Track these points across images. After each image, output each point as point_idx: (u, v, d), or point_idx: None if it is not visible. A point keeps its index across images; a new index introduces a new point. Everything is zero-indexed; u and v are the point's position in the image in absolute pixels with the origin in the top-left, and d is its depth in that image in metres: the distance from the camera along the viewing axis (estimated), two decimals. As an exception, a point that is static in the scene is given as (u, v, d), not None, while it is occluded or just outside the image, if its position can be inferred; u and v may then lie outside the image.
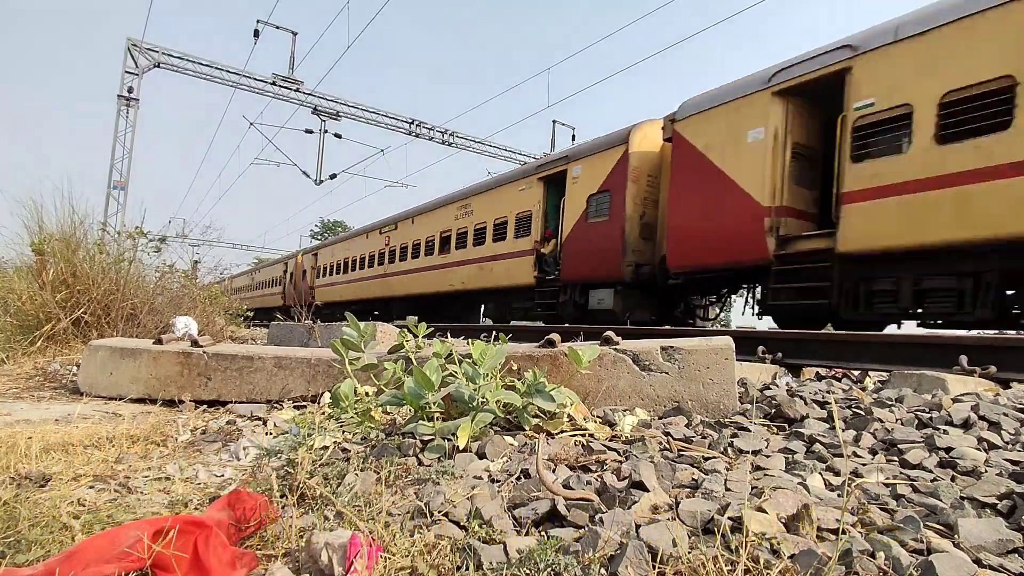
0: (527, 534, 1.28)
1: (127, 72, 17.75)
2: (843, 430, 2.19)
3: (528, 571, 1.07)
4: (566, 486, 1.51)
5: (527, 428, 2.10)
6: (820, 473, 1.66)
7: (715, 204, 8.32)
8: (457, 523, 1.34)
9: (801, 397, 2.68)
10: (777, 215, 7.63)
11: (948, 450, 1.84)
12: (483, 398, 2.11)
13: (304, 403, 2.87)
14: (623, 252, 9.89)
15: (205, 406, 2.95)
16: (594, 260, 10.44)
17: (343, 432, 2.18)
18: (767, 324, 8.75)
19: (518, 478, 1.63)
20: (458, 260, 14.75)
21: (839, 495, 1.46)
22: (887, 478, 1.61)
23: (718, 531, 1.18)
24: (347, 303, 20.79)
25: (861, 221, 6.70)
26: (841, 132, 6.99)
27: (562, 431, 2.09)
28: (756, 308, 8.77)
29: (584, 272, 10.77)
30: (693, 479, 1.59)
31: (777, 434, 2.18)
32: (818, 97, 7.64)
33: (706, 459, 1.76)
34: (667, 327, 8.37)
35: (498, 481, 1.63)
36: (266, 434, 2.35)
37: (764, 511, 1.25)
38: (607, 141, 10.78)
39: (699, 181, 8.61)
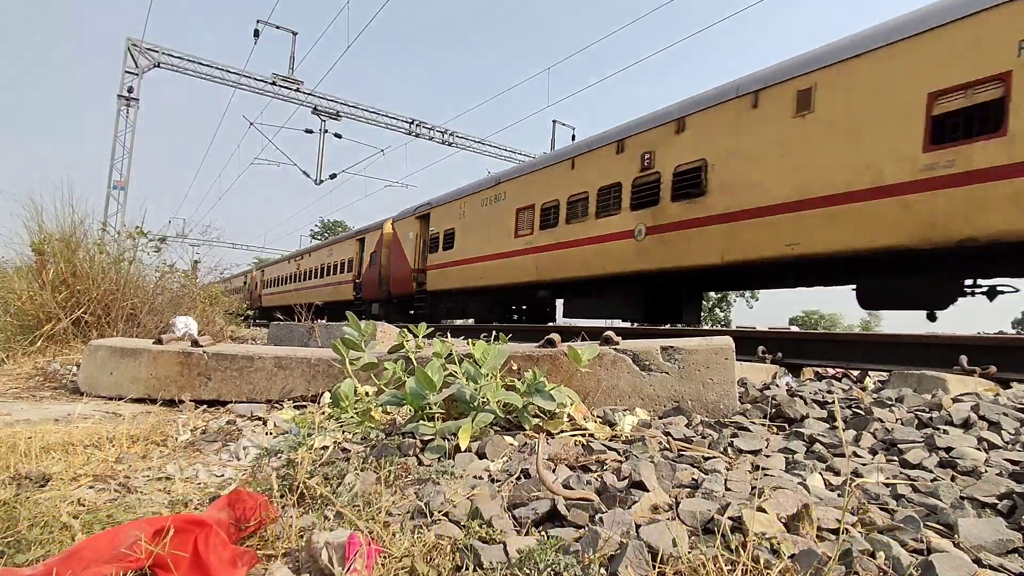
0: (527, 534, 1.28)
1: (127, 72, 17.75)
2: (843, 430, 2.19)
3: (528, 571, 1.07)
4: (566, 486, 1.51)
5: (527, 428, 2.10)
6: (820, 473, 1.66)
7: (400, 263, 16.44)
8: (457, 523, 1.34)
9: (801, 397, 2.69)
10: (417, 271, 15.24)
11: (948, 450, 1.84)
12: (484, 398, 2.11)
13: (304, 403, 2.87)
14: (380, 284, 17.92)
15: (205, 406, 2.95)
16: (373, 288, 18.10)
17: (343, 432, 2.18)
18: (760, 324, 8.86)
19: (518, 478, 1.63)
20: (319, 284, 24.01)
21: (839, 495, 1.46)
22: (887, 478, 1.61)
23: (718, 531, 1.18)
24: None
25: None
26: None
27: (562, 431, 2.09)
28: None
29: (369, 294, 18.69)
30: (693, 479, 1.59)
31: (777, 434, 2.18)
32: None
33: (706, 459, 1.76)
34: (667, 327, 8.36)
35: (498, 481, 1.63)
36: (266, 434, 2.35)
37: (764, 511, 1.25)
38: (376, 225, 18.96)
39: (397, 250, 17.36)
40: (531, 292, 12.28)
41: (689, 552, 1.11)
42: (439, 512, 1.38)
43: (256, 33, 18.55)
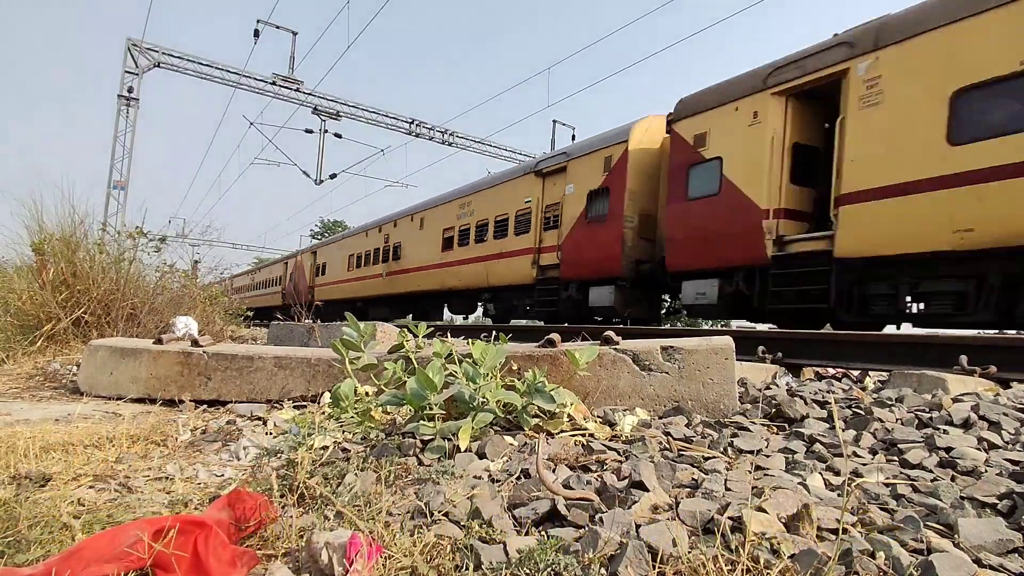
0: (527, 534, 1.28)
1: (127, 72, 17.75)
2: (843, 430, 2.19)
3: (528, 571, 1.07)
4: (566, 486, 1.51)
5: (527, 428, 2.10)
6: (820, 473, 1.66)
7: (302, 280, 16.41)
8: (457, 523, 1.34)
9: (801, 397, 2.68)
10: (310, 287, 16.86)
11: (948, 450, 1.84)
12: (483, 398, 2.11)
13: (304, 403, 2.87)
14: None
15: (205, 406, 2.95)
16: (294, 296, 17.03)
17: (343, 432, 2.18)
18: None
19: (518, 478, 1.63)
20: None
21: (839, 495, 1.46)
22: (887, 478, 1.61)
23: (718, 531, 1.18)
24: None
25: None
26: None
27: (562, 431, 2.09)
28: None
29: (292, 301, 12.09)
30: (693, 479, 1.59)
31: (777, 434, 2.18)
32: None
33: (706, 459, 1.76)
34: (667, 327, 8.36)
35: (498, 481, 1.63)
36: (266, 434, 2.35)
37: (764, 511, 1.25)
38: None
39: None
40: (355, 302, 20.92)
41: (689, 552, 1.11)
42: (439, 512, 1.38)
43: (256, 33, 18.56)
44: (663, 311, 11.04)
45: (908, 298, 6.53)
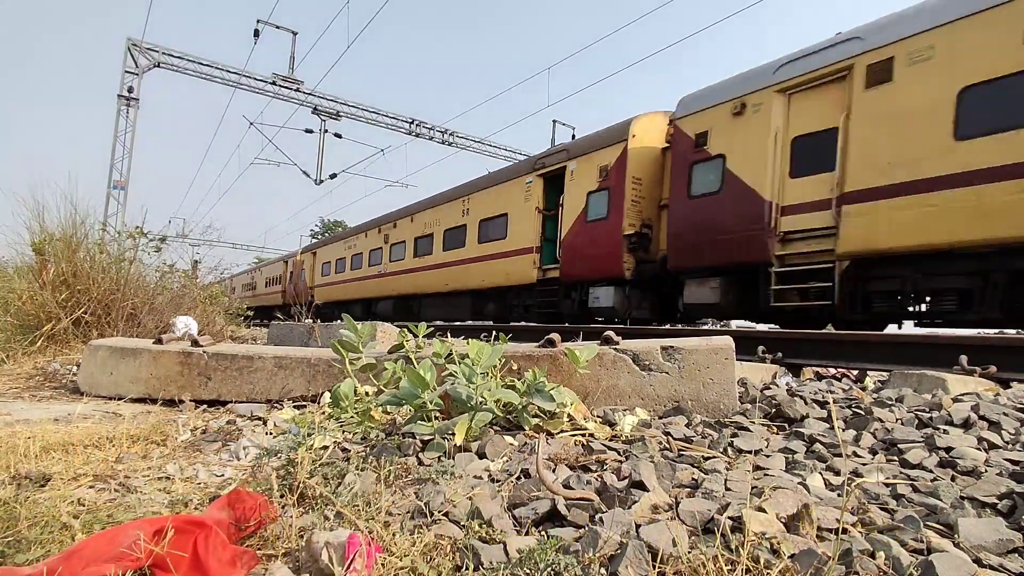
0: (527, 534, 1.28)
1: (127, 72, 17.75)
2: (843, 430, 2.19)
3: (528, 571, 1.07)
4: (566, 486, 1.51)
5: (527, 428, 2.10)
6: (820, 473, 1.66)
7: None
8: (457, 523, 1.34)
9: (801, 397, 2.68)
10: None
11: (948, 450, 1.84)
12: (482, 397, 2.11)
13: (304, 403, 2.87)
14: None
15: (205, 406, 2.95)
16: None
17: (343, 432, 2.18)
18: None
19: (518, 478, 1.63)
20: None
21: (839, 495, 1.46)
22: (887, 478, 1.61)
23: (718, 531, 1.18)
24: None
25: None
26: None
27: (562, 431, 2.09)
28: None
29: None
30: (693, 479, 1.59)
31: (777, 434, 2.18)
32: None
33: (706, 459, 1.76)
34: (667, 327, 8.36)
35: (498, 481, 1.63)
36: (266, 434, 2.35)
37: (764, 511, 1.25)
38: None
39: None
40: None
41: (689, 552, 1.11)
42: (439, 512, 1.38)
43: (256, 33, 18.55)
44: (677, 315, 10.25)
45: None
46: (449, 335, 3.52)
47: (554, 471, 1.68)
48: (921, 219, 5.99)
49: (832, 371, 5.01)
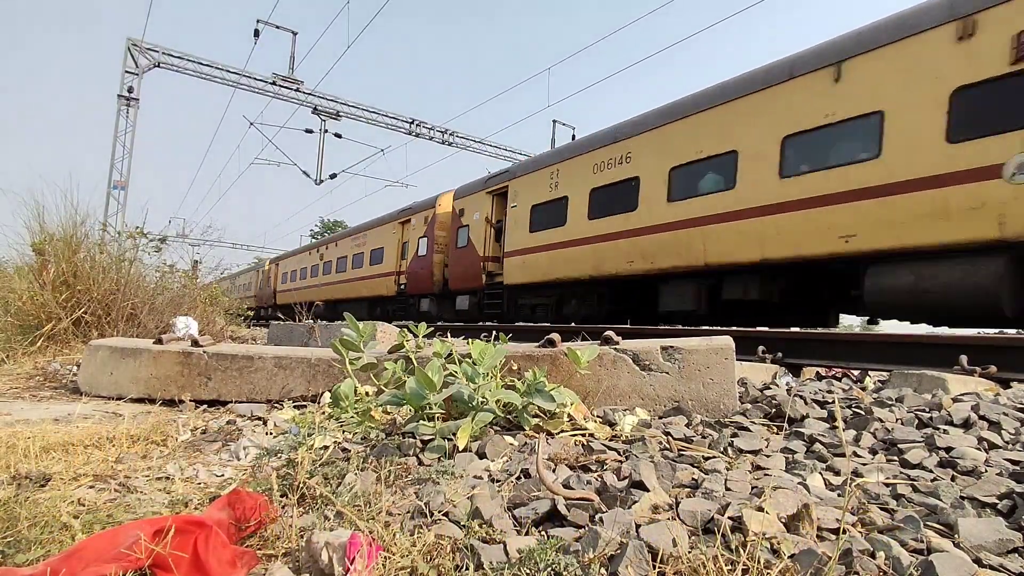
0: (527, 534, 1.28)
1: (127, 72, 17.75)
2: (843, 430, 2.19)
3: (528, 571, 1.07)
4: (566, 486, 1.51)
5: (527, 428, 2.10)
6: (820, 473, 1.66)
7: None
8: (457, 523, 1.34)
9: (801, 397, 2.68)
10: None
11: (948, 450, 1.84)
12: (483, 398, 2.11)
13: (304, 403, 2.87)
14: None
15: (205, 406, 2.95)
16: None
17: (343, 432, 2.18)
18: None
19: (518, 478, 1.63)
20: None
21: (839, 495, 1.46)
22: (887, 478, 1.61)
23: (718, 531, 1.18)
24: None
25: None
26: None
27: (562, 431, 2.09)
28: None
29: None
30: (693, 479, 1.59)
31: (777, 434, 2.18)
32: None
33: (706, 459, 1.76)
34: (666, 327, 8.35)
35: (498, 481, 1.63)
36: (266, 434, 2.35)
37: (764, 511, 1.25)
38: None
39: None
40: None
41: (689, 552, 1.11)
42: (439, 512, 1.38)
43: (256, 33, 18.55)
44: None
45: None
46: (449, 335, 3.52)
47: (554, 471, 1.68)
48: (522, 268, 11.52)
49: (832, 371, 5.01)
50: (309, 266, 25.16)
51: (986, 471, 1.64)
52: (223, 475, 1.82)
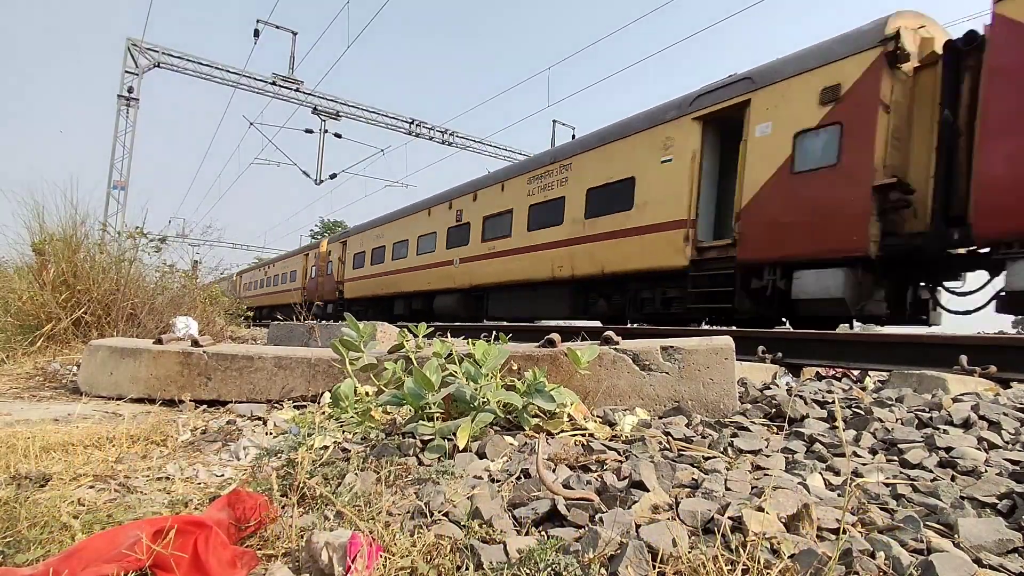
0: (527, 534, 1.28)
1: (127, 72, 17.75)
2: (843, 430, 2.19)
3: (528, 571, 1.07)
4: (566, 486, 1.51)
5: (527, 428, 2.10)
6: (820, 473, 1.66)
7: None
8: (457, 523, 1.34)
9: (801, 397, 2.68)
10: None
11: (948, 450, 1.84)
12: (484, 398, 2.11)
13: (304, 403, 2.87)
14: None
15: (205, 406, 2.95)
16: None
17: (343, 432, 2.18)
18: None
19: (518, 478, 1.63)
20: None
21: (839, 495, 1.46)
22: (887, 478, 1.61)
23: (718, 531, 1.18)
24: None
25: None
26: None
27: (562, 431, 2.09)
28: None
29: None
30: (693, 479, 1.59)
31: (777, 434, 2.18)
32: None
33: (706, 459, 1.76)
34: (666, 327, 8.34)
35: (498, 481, 1.63)
36: (266, 434, 2.35)
37: (764, 511, 1.25)
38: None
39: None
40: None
41: (689, 552, 1.11)
42: (439, 512, 1.38)
43: (256, 33, 18.55)
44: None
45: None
46: (449, 335, 3.52)
47: (554, 471, 1.68)
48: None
49: (832, 371, 5.01)
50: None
51: (986, 471, 1.64)
52: (223, 475, 1.82)
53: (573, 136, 23.95)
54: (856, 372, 4.79)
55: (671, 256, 8.71)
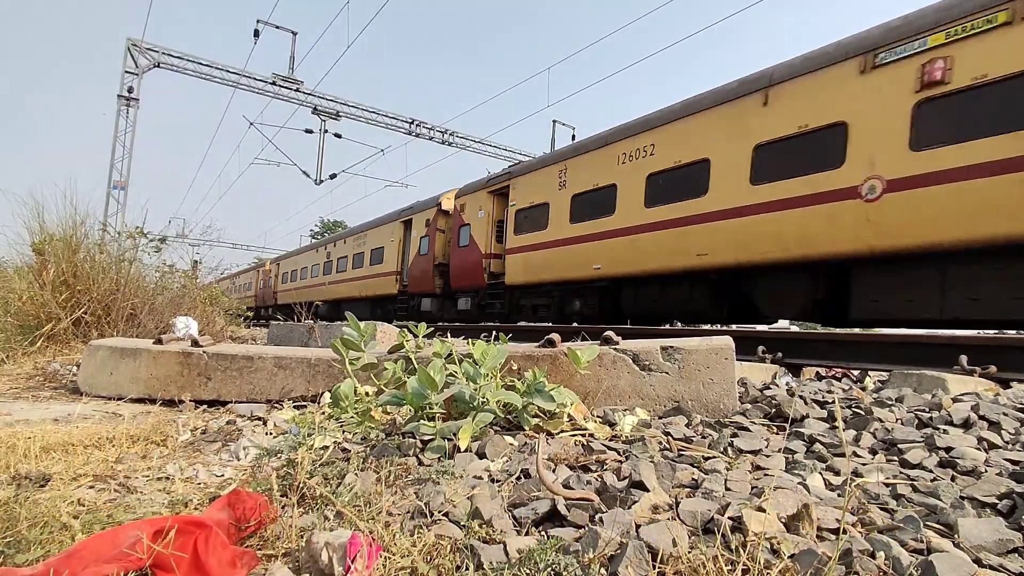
0: (527, 534, 1.28)
1: (127, 72, 17.74)
2: (843, 430, 2.19)
3: (528, 571, 1.07)
4: (566, 486, 1.51)
5: (527, 428, 2.10)
6: (820, 473, 1.66)
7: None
8: (457, 523, 1.34)
9: (801, 397, 2.68)
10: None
11: (948, 450, 1.84)
12: (484, 398, 2.11)
13: (304, 403, 2.87)
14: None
15: (205, 406, 2.95)
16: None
17: (343, 432, 2.18)
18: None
19: (518, 478, 1.63)
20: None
21: (839, 495, 1.46)
22: (887, 478, 1.61)
23: (718, 531, 1.18)
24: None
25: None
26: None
27: (562, 431, 2.09)
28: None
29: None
30: (693, 479, 1.59)
31: (777, 434, 2.18)
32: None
33: (706, 459, 1.76)
34: (666, 327, 8.35)
35: (498, 481, 1.63)
36: (266, 434, 2.35)
37: (764, 511, 1.25)
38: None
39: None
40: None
41: (689, 552, 1.11)
42: (439, 512, 1.38)
43: (256, 33, 18.54)
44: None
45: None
46: (449, 335, 3.52)
47: (554, 471, 1.68)
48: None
49: (832, 371, 5.01)
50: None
51: (986, 471, 1.64)
52: (223, 475, 1.82)
53: (573, 137, 23.94)
54: (856, 372, 4.79)
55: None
